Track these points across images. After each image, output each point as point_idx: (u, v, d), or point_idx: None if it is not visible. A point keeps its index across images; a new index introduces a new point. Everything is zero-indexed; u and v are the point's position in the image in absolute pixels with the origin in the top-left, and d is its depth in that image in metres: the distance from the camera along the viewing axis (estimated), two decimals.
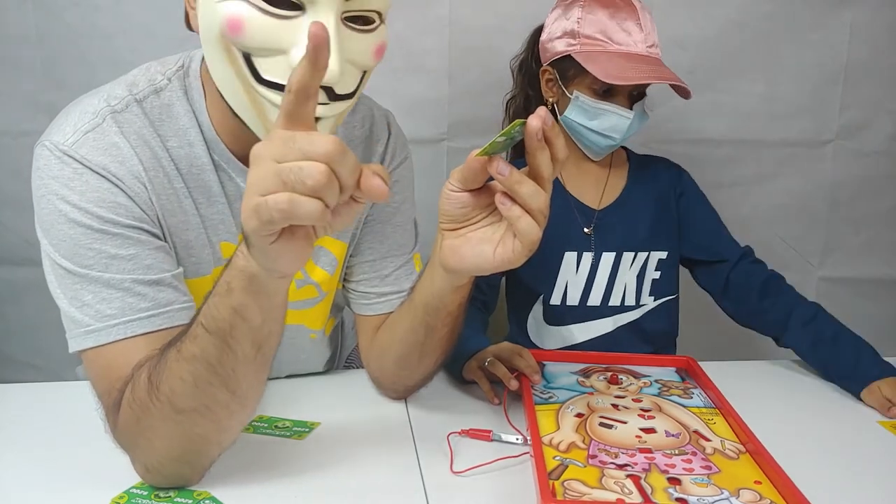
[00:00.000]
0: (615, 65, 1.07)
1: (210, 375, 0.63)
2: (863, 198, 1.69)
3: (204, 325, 0.62)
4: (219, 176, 0.82)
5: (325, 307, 0.98)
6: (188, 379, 0.63)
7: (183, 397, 0.64)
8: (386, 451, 0.82)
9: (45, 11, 1.41)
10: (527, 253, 0.64)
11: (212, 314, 0.61)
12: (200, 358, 0.62)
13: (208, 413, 0.65)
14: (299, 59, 0.52)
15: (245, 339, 0.62)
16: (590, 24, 1.10)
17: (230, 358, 0.62)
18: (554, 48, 1.14)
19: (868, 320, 1.75)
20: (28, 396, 0.95)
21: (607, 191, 1.22)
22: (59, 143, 0.73)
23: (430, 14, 1.49)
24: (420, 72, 1.51)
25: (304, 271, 0.92)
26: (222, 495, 0.72)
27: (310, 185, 0.50)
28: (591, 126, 1.13)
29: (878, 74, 1.61)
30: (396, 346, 0.88)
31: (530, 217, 0.62)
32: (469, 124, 1.56)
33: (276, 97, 0.68)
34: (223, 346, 0.62)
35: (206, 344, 0.62)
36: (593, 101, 1.11)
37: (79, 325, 0.72)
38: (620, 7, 1.10)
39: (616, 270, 1.19)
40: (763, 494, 0.70)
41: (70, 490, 0.73)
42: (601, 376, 0.97)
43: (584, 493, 0.70)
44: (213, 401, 0.65)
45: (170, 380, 0.64)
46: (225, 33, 0.67)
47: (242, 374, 0.64)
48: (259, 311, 0.61)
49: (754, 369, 1.11)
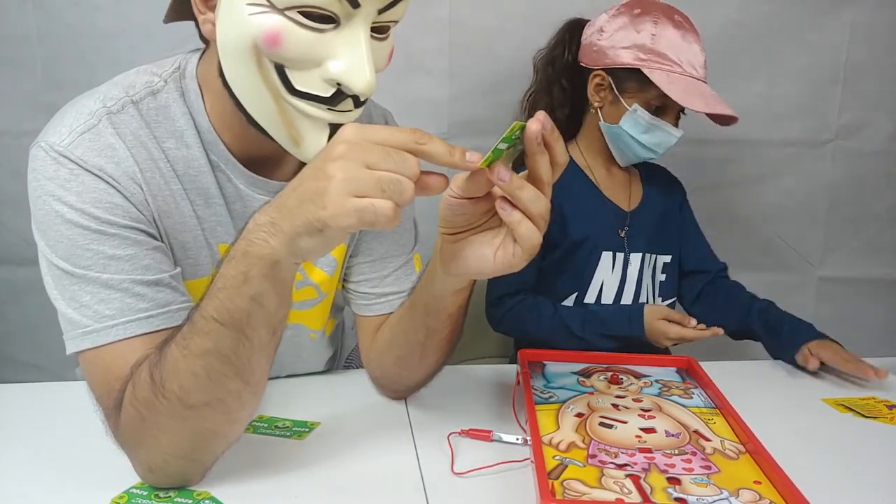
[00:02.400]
0: (686, 88, 1.11)
1: (225, 367, 0.64)
2: (863, 197, 1.70)
3: (217, 318, 0.62)
4: (216, 177, 0.82)
5: (325, 308, 0.98)
6: (201, 374, 0.63)
7: (195, 392, 0.64)
8: (386, 450, 0.82)
9: (46, 11, 1.42)
10: (527, 257, 0.64)
11: (226, 307, 0.62)
12: (214, 351, 0.63)
13: (220, 405, 0.66)
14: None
15: (262, 325, 0.63)
16: (664, 43, 1.12)
17: (246, 347, 0.63)
18: (618, 57, 1.15)
19: (868, 320, 1.76)
20: (28, 396, 0.95)
21: (633, 193, 1.26)
22: (55, 143, 0.72)
23: (430, 14, 1.49)
24: (420, 72, 1.52)
25: (303, 273, 0.92)
26: (222, 495, 0.71)
27: (404, 198, 0.56)
28: (642, 139, 1.17)
29: (878, 74, 1.62)
30: (397, 346, 0.88)
31: (531, 222, 0.62)
32: (469, 124, 1.56)
33: (308, 107, 0.71)
34: (240, 336, 0.63)
35: (220, 337, 0.62)
36: (650, 117, 1.14)
37: (76, 326, 0.72)
38: (688, 29, 1.14)
39: (642, 271, 1.21)
40: (763, 494, 0.70)
41: (70, 490, 0.73)
42: (601, 376, 0.98)
43: (584, 492, 0.70)
44: (227, 392, 0.65)
45: (179, 377, 0.64)
46: (260, 45, 0.68)
47: (257, 362, 0.65)
48: (276, 296, 0.63)
49: (754, 369, 1.11)
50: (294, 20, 0.67)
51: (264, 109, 0.72)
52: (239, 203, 0.84)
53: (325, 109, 0.71)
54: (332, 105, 0.71)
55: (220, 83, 0.74)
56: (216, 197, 0.82)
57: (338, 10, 0.67)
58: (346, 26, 0.68)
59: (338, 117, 0.72)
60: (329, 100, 0.70)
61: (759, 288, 1.31)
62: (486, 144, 0.59)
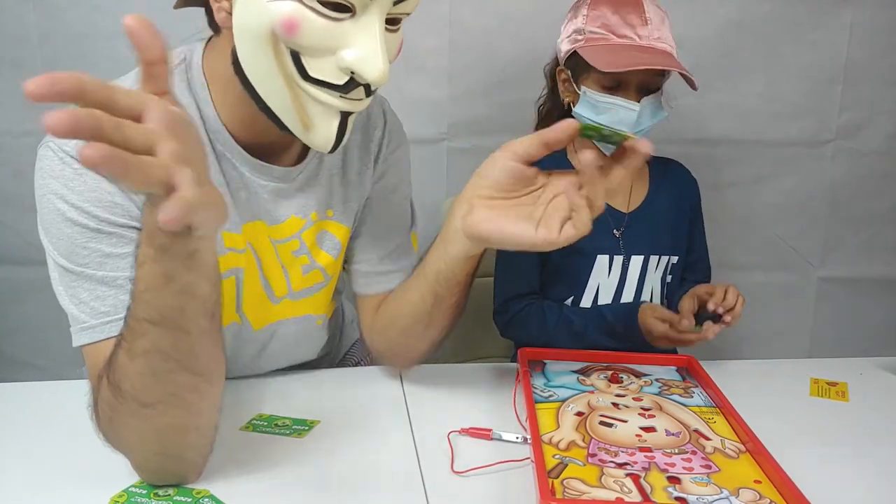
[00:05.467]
0: (615, 55, 1.08)
1: (169, 363, 0.62)
2: (862, 197, 1.70)
3: (148, 319, 0.60)
4: (221, 166, 0.82)
5: (329, 291, 1.00)
6: (146, 372, 0.62)
7: (146, 391, 0.64)
8: (386, 449, 0.82)
9: (47, 12, 1.42)
10: (572, 240, 0.70)
11: (154, 306, 0.59)
12: (154, 350, 0.61)
13: (175, 400, 0.65)
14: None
15: (198, 314, 0.61)
16: (594, 20, 1.11)
17: (185, 340, 0.62)
18: (564, 47, 1.16)
19: (868, 320, 1.76)
20: (28, 396, 0.95)
21: (634, 194, 1.23)
22: (62, 143, 0.73)
23: (430, 14, 1.49)
24: (420, 72, 1.52)
25: (310, 257, 0.94)
26: (221, 493, 0.71)
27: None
28: (600, 121, 1.12)
29: (878, 74, 1.62)
30: (402, 317, 0.91)
31: (589, 211, 0.68)
32: (469, 124, 1.56)
33: (321, 93, 0.72)
34: (176, 332, 0.61)
35: (156, 336, 0.61)
36: (599, 96, 1.12)
37: (77, 321, 0.74)
38: (626, 2, 1.11)
39: (644, 274, 1.20)
40: (763, 494, 0.70)
41: (69, 489, 0.73)
42: (602, 375, 0.98)
43: (584, 491, 0.70)
44: (178, 386, 0.64)
45: (129, 378, 0.63)
46: (278, 32, 0.69)
47: (202, 350, 0.64)
48: (206, 282, 0.60)
49: (755, 369, 1.11)
50: (312, 8, 0.68)
51: (278, 95, 0.73)
52: (244, 191, 0.85)
53: (338, 97, 0.73)
54: (345, 93, 0.73)
55: (231, 71, 0.75)
56: (221, 186, 0.82)
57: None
58: (362, 16, 0.70)
59: (349, 105, 0.74)
60: (342, 87, 0.72)
61: (759, 288, 1.31)
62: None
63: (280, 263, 0.92)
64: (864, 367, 1.10)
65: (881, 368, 1.10)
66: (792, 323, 1.76)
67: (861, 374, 1.08)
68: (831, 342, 1.76)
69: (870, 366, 1.11)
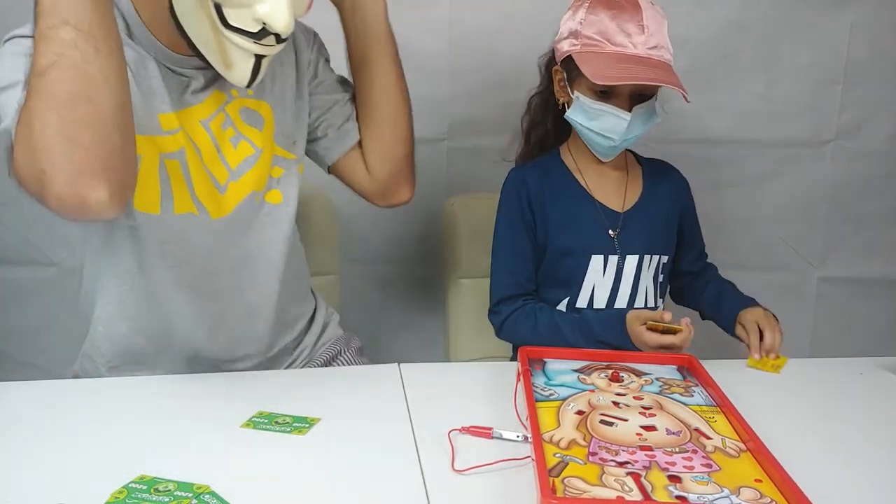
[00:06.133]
0: (607, 65, 1.08)
1: (52, 19, 0.76)
2: (863, 198, 1.70)
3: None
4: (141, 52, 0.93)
5: (265, 166, 1.04)
6: (38, 38, 0.76)
7: (38, 58, 0.76)
8: (386, 447, 0.82)
9: None
10: None
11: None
12: (44, 14, 0.76)
13: (64, 60, 0.75)
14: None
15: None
16: (591, 25, 1.10)
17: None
18: (561, 48, 1.15)
19: (868, 320, 1.76)
20: (28, 395, 0.95)
21: (628, 194, 1.23)
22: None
23: (430, 14, 1.49)
24: (420, 72, 1.51)
25: (235, 128, 1.01)
26: (222, 490, 0.71)
27: None
28: (591, 126, 1.14)
29: (878, 74, 1.62)
30: (366, 124, 1.10)
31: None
32: (469, 124, 1.56)
33: (238, 39, 0.87)
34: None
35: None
36: (592, 102, 1.12)
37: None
38: (624, 8, 1.09)
39: (639, 273, 1.20)
40: (763, 492, 0.70)
41: (69, 485, 0.73)
42: (602, 374, 0.98)
43: (585, 490, 0.70)
44: (64, 45, 0.75)
45: (37, 59, 0.76)
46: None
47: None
48: None
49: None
50: None
51: (203, 38, 0.88)
52: (171, 79, 0.95)
53: (252, 42, 0.88)
54: (258, 39, 0.87)
55: (168, 14, 0.88)
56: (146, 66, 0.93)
57: None
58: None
59: (262, 49, 0.89)
60: (256, 35, 0.87)
61: (759, 288, 1.30)
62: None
63: (213, 141, 0.98)
64: (864, 367, 1.11)
65: (881, 368, 1.10)
66: (792, 323, 1.74)
67: (861, 374, 1.08)
68: (831, 342, 1.75)
69: (870, 366, 1.11)
